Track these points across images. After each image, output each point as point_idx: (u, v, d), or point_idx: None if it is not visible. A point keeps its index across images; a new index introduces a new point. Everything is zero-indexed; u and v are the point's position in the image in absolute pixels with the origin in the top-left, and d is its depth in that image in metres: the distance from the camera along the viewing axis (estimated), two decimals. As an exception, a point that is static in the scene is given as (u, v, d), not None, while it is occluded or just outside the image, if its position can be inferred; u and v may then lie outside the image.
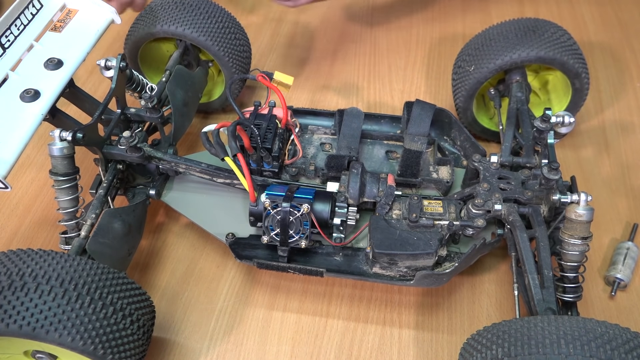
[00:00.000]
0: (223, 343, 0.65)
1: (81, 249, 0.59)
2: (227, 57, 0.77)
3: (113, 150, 0.66)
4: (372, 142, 0.72)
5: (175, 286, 0.70)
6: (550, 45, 0.71)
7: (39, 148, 0.85)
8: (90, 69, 0.95)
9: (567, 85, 0.75)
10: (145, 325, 0.56)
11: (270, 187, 0.63)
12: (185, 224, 0.76)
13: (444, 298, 0.69)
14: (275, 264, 0.63)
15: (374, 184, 0.64)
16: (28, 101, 0.59)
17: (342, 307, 0.68)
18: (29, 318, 0.47)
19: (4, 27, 0.63)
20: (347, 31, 1.04)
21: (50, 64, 0.63)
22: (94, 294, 0.51)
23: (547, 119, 0.64)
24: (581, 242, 0.58)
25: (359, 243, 0.66)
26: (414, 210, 0.61)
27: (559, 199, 0.59)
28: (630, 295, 0.69)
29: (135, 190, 0.71)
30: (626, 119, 0.88)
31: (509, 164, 0.65)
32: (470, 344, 0.52)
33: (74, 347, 0.48)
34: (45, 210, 0.78)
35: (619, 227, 0.75)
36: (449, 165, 0.69)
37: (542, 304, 0.55)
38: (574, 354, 0.43)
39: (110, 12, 0.69)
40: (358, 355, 0.64)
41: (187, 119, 0.73)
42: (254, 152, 0.65)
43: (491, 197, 0.61)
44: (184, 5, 0.76)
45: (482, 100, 0.82)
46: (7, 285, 0.49)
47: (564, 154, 0.83)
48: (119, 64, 0.66)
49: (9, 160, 0.55)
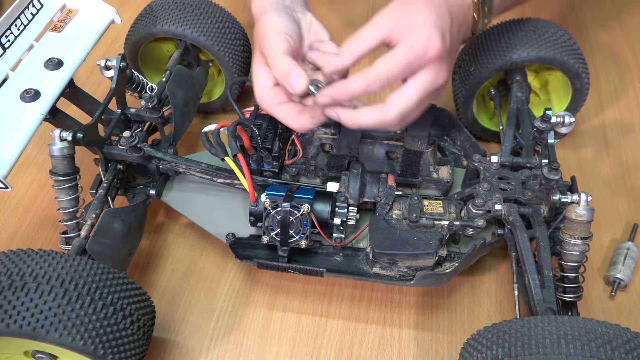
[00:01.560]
0: (223, 343, 0.65)
1: (81, 249, 0.59)
2: (227, 57, 0.77)
3: (113, 150, 0.66)
4: (372, 142, 0.72)
5: (175, 286, 0.70)
6: (550, 46, 0.71)
7: (39, 148, 0.85)
8: (90, 69, 0.95)
9: (568, 86, 0.75)
10: (146, 325, 0.56)
11: (270, 187, 0.63)
12: (185, 224, 0.76)
13: (444, 298, 0.69)
14: (276, 264, 0.63)
15: (374, 184, 0.64)
16: (28, 101, 0.59)
17: (342, 307, 0.68)
18: (29, 318, 0.47)
19: (4, 27, 0.63)
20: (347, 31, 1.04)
21: (50, 64, 0.63)
22: (94, 294, 0.51)
23: (548, 119, 0.64)
24: (581, 242, 0.58)
25: (359, 243, 0.66)
26: (414, 210, 0.61)
27: (559, 199, 0.59)
28: (630, 295, 0.69)
29: (136, 190, 0.71)
30: (626, 119, 0.88)
31: (509, 164, 0.65)
32: (471, 344, 0.52)
33: (74, 347, 0.48)
34: (45, 210, 0.78)
35: (619, 227, 0.75)
36: (449, 166, 0.69)
37: (542, 304, 0.55)
38: (574, 354, 0.43)
39: (110, 12, 0.69)
40: (358, 355, 0.64)
41: (187, 119, 0.73)
42: (254, 152, 0.65)
43: (491, 197, 0.61)
44: (184, 5, 0.76)
45: (482, 100, 0.82)
46: (7, 285, 0.49)
47: (564, 154, 0.83)
48: (119, 64, 0.66)
49: (9, 160, 0.55)
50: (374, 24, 0.54)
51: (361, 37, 0.54)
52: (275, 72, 0.56)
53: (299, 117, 0.57)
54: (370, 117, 0.54)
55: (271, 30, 0.57)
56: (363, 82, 0.52)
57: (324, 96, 0.54)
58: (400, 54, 0.52)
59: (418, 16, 0.53)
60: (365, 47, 0.54)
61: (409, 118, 0.56)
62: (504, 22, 0.77)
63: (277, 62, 0.55)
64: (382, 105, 0.54)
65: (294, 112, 0.58)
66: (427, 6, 0.54)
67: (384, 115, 0.54)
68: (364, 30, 0.54)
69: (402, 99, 0.53)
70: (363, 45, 0.54)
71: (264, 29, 0.58)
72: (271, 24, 0.58)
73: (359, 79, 0.53)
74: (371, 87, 0.53)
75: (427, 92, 0.54)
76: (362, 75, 0.53)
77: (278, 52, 0.56)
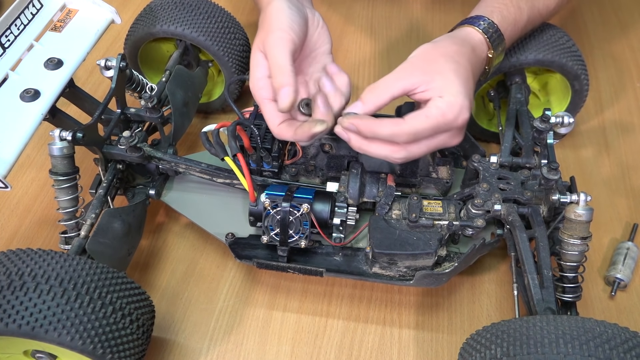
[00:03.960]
0: (223, 343, 0.65)
1: (81, 249, 0.59)
2: (227, 57, 0.77)
3: (113, 150, 0.66)
4: (372, 142, 0.72)
5: (175, 286, 0.70)
6: (549, 48, 0.71)
7: (38, 148, 0.85)
8: (90, 68, 0.95)
9: (567, 87, 0.75)
10: (145, 324, 0.56)
11: (270, 187, 0.63)
12: (185, 224, 0.76)
13: (443, 298, 0.69)
14: (275, 263, 0.63)
15: (374, 184, 0.64)
16: (28, 101, 0.60)
17: (342, 307, 0.68)
18: (28, 318, 0.47)
19: (4, 26, 0.63)
20: (347, 32, 1.04)
21: (50, 64, 0.63)
22: (93, 294, 0.51)
23: (547, 119, 0.64)
24: (580, 242, 0.58)
25: (359, 243, 0.66)
26: (413, 210, 0.61)
27: (558, 199, 0.59)
28: (630, 295, 0.69)
29: (135, 190, 0.71)
30: (626, 119, 0.88)
31: (509, 164, 0.65)
32: (470, 344, 0.52)
33: (73, 347, 0.48)
34: (45, 210, 0.78)
35: (619, 227, 0.75)
36: (448, 166, 0.69)
37: (541, 303, 0.55)
38: (573, 354, 0.43)
39: (110, 12, 0.69)
40: (358, 355, 0.64)
41: (187, 119, 0.74)
42: (253, 152, 0.65)
43: (491, 197, 0.61)
44: (183, 6, 0.76)
45: (482, 102, 0.82)
46: (6, 285, 0.49)
47: (564, 154, 0.83)
48: (119, 64, 0.66)
49: (9, 159, 0.55)
50: (399, 77, 0.56)
51: (386, 87, 0.56)
52: (273, 80, 0.57)
53: (282, 125, 0.58)
54: (384, 129, 0.55)
55: (277, 26, 0.57)
56: (391, 131, 0.54)
57: (350, 124, 0.55)
58: (433, 117, 0.54)
59: (449, 81, 0.55)
60: (388, 98, 0.56)
61: (413, 152, 0.57)
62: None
63: (276, 71, 0.56)
64: (398, 119, 0.55)
65: (278, 117, 0.58)
66: (455, 72, 0.56)
67: (396, 127, 0.55)
68: (389, 80, 0.56)
69: (418, 126, 0.55)
70: (386, 96, 0.56)
71: (270, 20, 0.58)
72: (279, 15, 0.58)
73: (388, 125, 0.54)
74: (397, 137, 0.55)
75: (437, 148, 0.58)
76: (392, 123, 0.55)
77: (279, 57, 0.56)
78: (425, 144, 0.56)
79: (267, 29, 0.58)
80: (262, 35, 0.59)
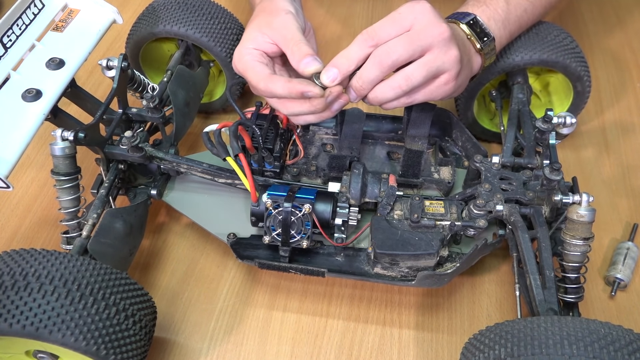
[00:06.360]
0: (223, 343, 0.65)
1: (83, 249, 0.59)
2: (228, 58, 0.77)
3: (115, 150, 0.66)
4: (374, 142, 0.72)
5: (175, 286, 0.70)
6: (552, 48, 0.71)
7: (39, 148, 0.85)
8: (90, 68, 0.95)
9: (569, 88, 0.76)
10: (147, 325, 0.56)
11: (271, 187, 0.63)
12: (186, 224, 0.76)
13: (444, 298, 0.69)
14: (277, 264, 0.63)
15: (376, 184, 0.64)
16: (30, 101, 0.59)
17: (342, 307, 0.68)
18: (32, 318, 0.47)
19: (6, 26, 0.63)
20: (348, 32, 1.04)
21: (52, 64, 0.63)
22: (96, 294, 0.51)
23: (549, 119, 0.64)
24: (583, 242, 0.58)
25: (361, 243, 0.66)
26: (415, 210, 0.61)
27: (560, 199, 0.59)
28: (630, 295, 0.69)
29: (137, 190, 0.71)
30: (626, 120, 0.88)
31: (511, 164, 0.65)
32: (473, 344, 0.52)
33: (77, 347, 0.48)
34: (46, 210, 0.77)
35: (619, 227, 0.75)
36: (450, 166, 0.69)
37: (543, 304, 0.55)
38: (577, 355, 0.43)
39: (111, 11, 0.69)
40: (358, 355, 0.64)
41: (188, 119, 0.73)
42: (255, 152, 0.65)
43: (493, 198, 0.61)
44: (185, 6, 0.76)
45: (483, 101, 0.82)
46: (10, 285, 0.49)
47: (564, 155, 0.83)
48: (121, 64, 0.66)
49: (11, 159, 0.55)
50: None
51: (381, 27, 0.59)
52: (292, 54, 0.58)
53: (273, 75, 0.58)
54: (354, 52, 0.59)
55: (286, 9, 0.59)
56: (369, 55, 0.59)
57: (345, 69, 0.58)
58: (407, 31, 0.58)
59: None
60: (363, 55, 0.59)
61: (413, 80, 0.57)
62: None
63: (293, 45, 0.57)
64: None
65: (266, 69, 0.59)
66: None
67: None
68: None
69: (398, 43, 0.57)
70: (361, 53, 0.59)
71: (277, 5, 0.60)
72: (284, 3, 0.60)
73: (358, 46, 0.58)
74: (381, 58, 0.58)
75: (436, 68, 0.57)
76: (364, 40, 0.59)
77: (295, 33, 0.58)
78: (422, 63, 0.57)
79: (274, 12, 0.59)
80: (266, 18, 0.60)
